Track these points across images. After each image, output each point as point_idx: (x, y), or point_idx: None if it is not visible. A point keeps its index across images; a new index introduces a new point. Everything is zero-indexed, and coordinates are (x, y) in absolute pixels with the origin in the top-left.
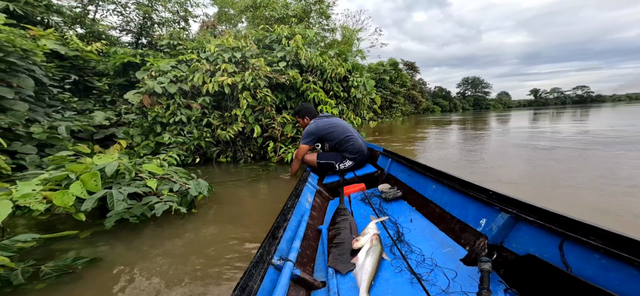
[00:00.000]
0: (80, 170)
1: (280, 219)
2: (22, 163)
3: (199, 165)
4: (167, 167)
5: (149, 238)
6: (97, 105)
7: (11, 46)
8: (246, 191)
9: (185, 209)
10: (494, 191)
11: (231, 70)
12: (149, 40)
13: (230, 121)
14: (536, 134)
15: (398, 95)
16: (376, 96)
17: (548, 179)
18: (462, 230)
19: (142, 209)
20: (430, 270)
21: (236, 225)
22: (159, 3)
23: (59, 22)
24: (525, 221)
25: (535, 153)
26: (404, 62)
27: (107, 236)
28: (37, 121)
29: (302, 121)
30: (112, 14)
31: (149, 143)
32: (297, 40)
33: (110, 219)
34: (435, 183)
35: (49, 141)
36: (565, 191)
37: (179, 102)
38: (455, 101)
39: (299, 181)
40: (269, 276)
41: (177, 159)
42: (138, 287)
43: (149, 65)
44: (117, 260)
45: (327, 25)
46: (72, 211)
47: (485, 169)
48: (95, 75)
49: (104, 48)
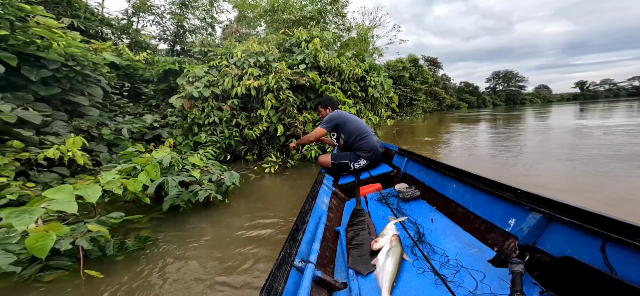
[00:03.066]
0: (143, 162)
1: (299, 222)
2: (98, 159)
3: (229, 162)
4: (206, 160)
5: (194, 223)
6: (145, 109)
7: (85, 60)
8: (271, 185)
9: (221, 197)
10: (522, 190)
11: (256, 74)
12: (182, 47)
13: (256, 121)
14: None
15: (419, 92)
16: (394, 95)
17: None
18: (488, 230)
19: (189, 196)
20: (456, 270)
21: (264, 214)
22: (189, 11)
23: (109, 34)
24: (560, 222)
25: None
26: (425, 58)
27: (162, 221)
28: (105, 124)
29: (324, 111)
30: (151, 24)
31: (189, 142)
32: (316, 43)
33: (166, 203)
34: (455, 181)
35: (115, 141)
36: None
37: (212, 105)
38: (484, 96)
39: (315, 182)
40: (292, 278)
41: (212, 155)
42: (189, 263)
43: (186, 71)
44: (172, 240)
45: (343, 24)
46: (140, 196)
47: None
48: (142, 82)
49: (149, 57)
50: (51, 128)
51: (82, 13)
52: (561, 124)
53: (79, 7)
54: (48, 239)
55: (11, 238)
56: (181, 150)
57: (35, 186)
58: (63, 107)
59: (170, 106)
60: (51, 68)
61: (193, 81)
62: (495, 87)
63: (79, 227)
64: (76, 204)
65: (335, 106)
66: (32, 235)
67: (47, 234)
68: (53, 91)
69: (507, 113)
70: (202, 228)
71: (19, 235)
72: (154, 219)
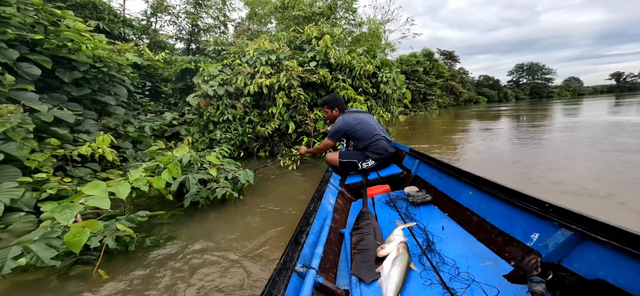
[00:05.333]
0: (165, 161)
1: (302, 224)
2: (125, 156)
3: (242, 159)
4: (221, 159)
5: (212, 220)
6: (165, 107)
7: (111, 62)
8: (283, 181)
9: (237, 194)
10: (551, 204)
11: (268, 72)
12: (197, 46)
13: (268, 118)
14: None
15: (434, 87)
16: (406, 91)
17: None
18: (506, 243)
19: (207, 193)
20: (467, 285)
21: (277, 211)
22: (203, 11)
23: (130, 34)
24: (595, 241)
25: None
26: (441, 52)
27: (183, 218)
28: (130, 122)
29: (330, 112)
30: (168, 24)
31: (205, 139)
32: (326, 40)
33: (187, 200)
34: (471, 188)
35: (139, 138)
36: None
37: (226, 103)
38: (505, 90)
39: (321, 181)
40: (292, 284)
41: (227, 152)
42: (207, 257)
43: (201, 70)
44: (193, 235)
45: (354, 20)
46: (163, 193)
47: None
48: (162, 81)
49: (167, 57)
50: (83, 127)
51: (106, 15)
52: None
53: (103, 10)
54: (84, 235)
55: (54, 233)
56: (198, 147)
57: (72, 180)
58: (92, 107)
59: (188, 104)
60: (81, 70)
61: (208, 79)
62: (518, 81)
63: (111, 224)
64: (109, 201)
65: (343, 107)
66: (71, 230)
67: (83, 230)
68: (84, 92)
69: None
70: (219, 224)
71: (61, 230)
72: (174, 215)
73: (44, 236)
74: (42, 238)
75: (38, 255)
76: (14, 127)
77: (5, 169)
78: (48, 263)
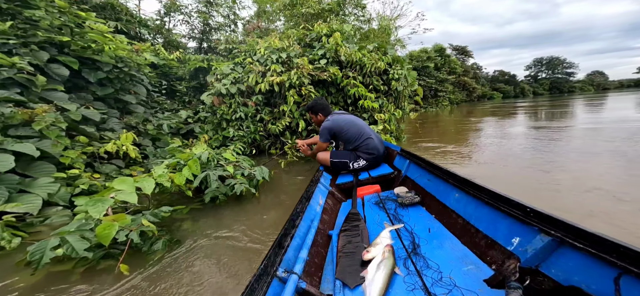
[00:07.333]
0: (185, 158)
1: (287, 226)
2: (145, 153)
3: (254, 156)
4: (237, 156)
5: (230, 215)
6: (180, 105)
7: (131, 62)
8: (295, 177)
9: (253, 190)
10: (532, 208)
11: (279, 70)
12: (209, 45)
13: (278, 116)
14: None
15: (445, 83)
16: (418, 88)
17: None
18: (488, 247)
19: (226, 189)
20: (448, 290)
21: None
22: (214, 9)
23: (146, 34)
24: (572, 247)
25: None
26: (453, 47)
27: (201, 213)
28: (149, 120)
29: (315, 117)
30: (181, 23)
31: (218, 137)
32: (336, 38)
33: (208, 195)
34: (458, 191)
35: (157, 135)
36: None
37: (238, 101)
38: (522, 85)
39: (311, 181)
40: (273, 290)
41: (241, 150)
42: (224, 253)
43: (214, 69)
44: (212, 225)
45: (363, 16)
46: (184, 189)
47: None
48: (176, 79)
49: (181, 56)
50: (107, 125)
51: (123, 16)
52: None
53: (120, 10)
54: (113, 228)
55: (87, 225)
56: (212, 144)
57: (100, 176)
58: (115, 106)
59: (201, 102)
60: (105, 70)
61: (221, 78)
62: (537, 75)
63: (137, 218)
64: (136, 196)
65: (327, 111)
66: (102, 223)
67: (113, 224)
68: (107, 91)
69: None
70: (238, 218)
71: (94, 223)
72: (193, 209)
73: (78, 228)
74: (77, 230)
75: (73, 245)
76: (48, 125)
77: (41, 166)
78: (82, 254)
